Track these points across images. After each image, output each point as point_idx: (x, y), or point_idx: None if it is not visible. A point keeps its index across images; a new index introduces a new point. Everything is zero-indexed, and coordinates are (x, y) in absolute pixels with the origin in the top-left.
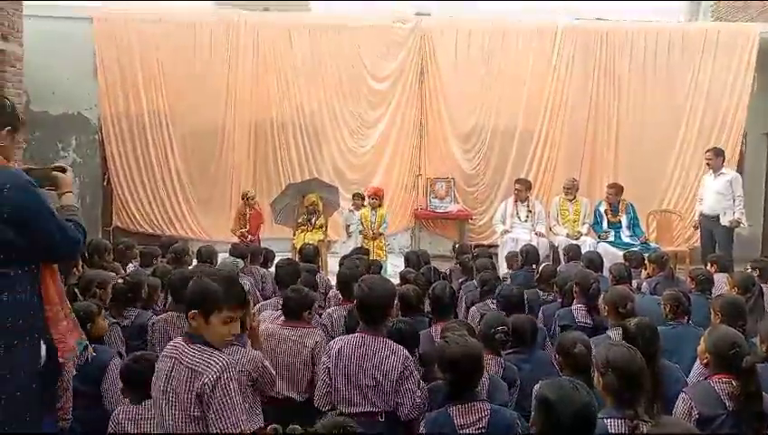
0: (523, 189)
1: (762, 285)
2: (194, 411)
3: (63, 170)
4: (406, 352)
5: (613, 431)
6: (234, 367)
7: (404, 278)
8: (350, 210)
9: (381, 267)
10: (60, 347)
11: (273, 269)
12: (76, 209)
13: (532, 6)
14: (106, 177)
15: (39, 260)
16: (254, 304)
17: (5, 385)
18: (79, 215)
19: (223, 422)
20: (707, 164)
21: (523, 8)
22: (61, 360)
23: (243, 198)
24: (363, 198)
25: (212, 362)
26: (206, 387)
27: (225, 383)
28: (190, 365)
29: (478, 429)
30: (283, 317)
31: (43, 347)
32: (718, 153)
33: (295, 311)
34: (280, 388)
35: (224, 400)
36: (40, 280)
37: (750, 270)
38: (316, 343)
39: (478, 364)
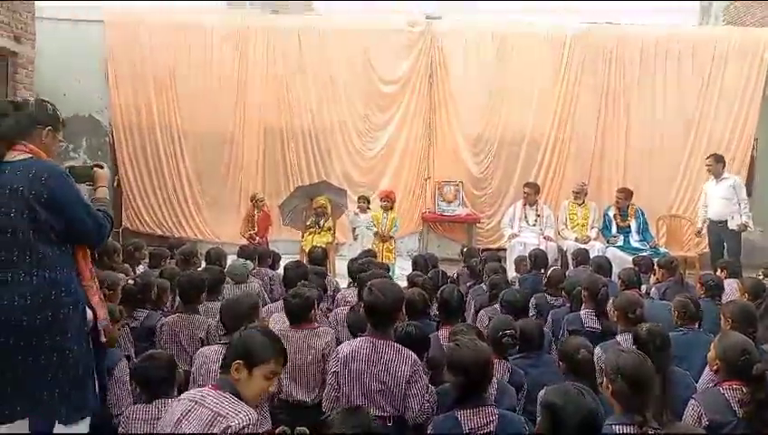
0: (531, 193)
1: None
2: None
3: (101, 167)
4: (414, 355)
5: None
6: (258, 425)
7: (411, 282)
8: (355, 213)
9: (389, 270)
10: (98, 314)
11: (281, 271)
12: (107, 201)
13: (541, 7)
14: (116, 179)
15: (73, 242)
16: (263, 306)
17: (63, 344)
18: (109, 206)
19: None
20: (708, 170)
21: (531, 8)
22: (99, 327)
23: (251, 201)
24: (368, 201)
25: (242, 410)
26: (229, 429)
27: None
28: (216, 409)
29: (487, 433)
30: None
31: (89, 312)
32: (718, 159)
33: (298, 314)
34: (291, 390)
35: None
36: (76, 260)
37: (762, 277)
38: (326, 343)
39: (488, 369)
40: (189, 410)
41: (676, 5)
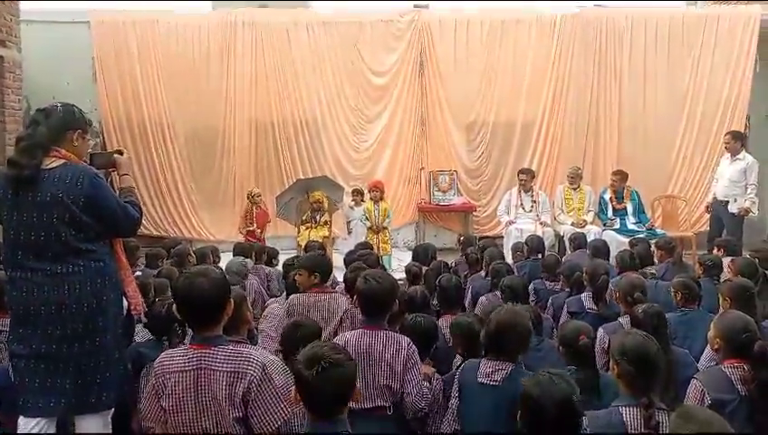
0: (527, 179)
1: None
2: (236, 413)
3: (121, 153)
4: (408, 340)
5: (628, 420)
6: (272, 362)
7: (409, 272)
8: (350, 207)
9: (379, 260)
10: (133, 302)
11: (279, 268)
12: (133, 189)
13: None
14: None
15: (109, 236)
16: (262, 303)
17: (105, 329)
18: (135, 194)
19: (272, 416)
20: (726, 148)
21: None
22: (134, 313)
23: (248, 197)
24: (362, 194)
25: (251, 359)
26: (253, 385)
27: (269, 377)
28: (229, 369)
29: (493, 380)
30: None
31: (125, 300)
32: (736, 136)
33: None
34: None
35: (269, 392)
36: (114, 251)
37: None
38: (345, 310)
39: (520, 333)
40: (197, 378)
41: None
